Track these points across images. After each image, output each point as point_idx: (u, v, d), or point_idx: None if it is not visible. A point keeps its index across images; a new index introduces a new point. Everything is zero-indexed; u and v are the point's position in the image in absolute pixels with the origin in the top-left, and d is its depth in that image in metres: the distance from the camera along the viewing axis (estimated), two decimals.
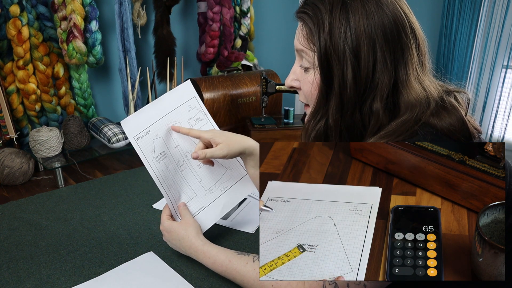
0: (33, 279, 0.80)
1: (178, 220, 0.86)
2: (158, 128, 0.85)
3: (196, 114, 0.91)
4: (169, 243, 0.85)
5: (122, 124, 0.83)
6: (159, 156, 0.84)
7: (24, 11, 1.28)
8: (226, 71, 1.77)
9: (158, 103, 0.87)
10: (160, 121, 0.86)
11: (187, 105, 0.90)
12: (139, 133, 0.83)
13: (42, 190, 1.21)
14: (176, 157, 0.87)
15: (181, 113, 0.89)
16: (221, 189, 0.91)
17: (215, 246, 0.80)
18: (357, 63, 0.64)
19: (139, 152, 0.83)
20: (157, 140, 0.85)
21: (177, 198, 0.86)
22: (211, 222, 0.88)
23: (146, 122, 0.84)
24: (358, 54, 0.64)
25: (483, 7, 2.04)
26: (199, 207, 0.88)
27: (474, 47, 2.11)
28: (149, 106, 0.86)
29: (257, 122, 1.61)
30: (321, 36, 0.65)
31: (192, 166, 0.89)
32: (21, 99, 1.38)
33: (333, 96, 0.67)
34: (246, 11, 1.83)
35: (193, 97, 0.91)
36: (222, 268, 0.77)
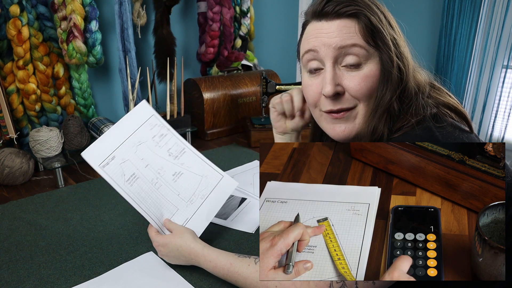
0: (33, 279, 0.80)
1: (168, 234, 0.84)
2: (124, 152, 0.85)
3: (159, 130, 0.92)
4: (166, 257, 0.83)
5: (83, 156, 0.81)
6: (131, 179, 0.84)
7: (24, 11, 1.28)
8: (226, 71, 1.77)
9: (117, 127, 0.87)
10: (124, 144, 0.86)
11: (148, 123, 0.91)
12: (104, 161, 0.83)
13: (42, 190, 1.21)
14: (149, 176, 0.87)
15: (144, 133, 0.90)
16: (201, 197, 0.91)
17: (215, 249, 0.79)
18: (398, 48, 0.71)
19: (108, 179, 0.82)
20: (124, 164, 0.84)
21: (160, 216, 0.85)
22: (200, 230, 0.87)
23: (109, 149, 0.84)
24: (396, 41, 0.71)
25: (483, 7, 2.04)
26: (184, 219, 0.87)
27: (474, 47, 2.11)
28: (109, 133, 0.86)
29: (257, 122, 1.61)
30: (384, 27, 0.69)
31: (167, 181, 0.88)
32: (21, 99, 1.38)
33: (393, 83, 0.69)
34: (246, 11, 1.83)
35: (152, 115, 0.92)
36: (223, 271, 0.76)
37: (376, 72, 0.69)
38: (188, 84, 1.69)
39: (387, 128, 0.70)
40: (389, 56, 0.68)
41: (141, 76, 1.59)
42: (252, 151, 1.51)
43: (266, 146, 0.94)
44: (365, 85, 0.69)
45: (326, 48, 0.69)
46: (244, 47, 1.88)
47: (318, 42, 0.70)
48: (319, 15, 0.70)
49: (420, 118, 0.68)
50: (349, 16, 0.68)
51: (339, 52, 0.69)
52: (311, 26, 0.72)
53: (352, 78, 0.70)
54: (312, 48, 0.71)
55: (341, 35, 0.68)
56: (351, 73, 0.70)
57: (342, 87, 0.71)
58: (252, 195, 1.14)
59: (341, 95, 0.71)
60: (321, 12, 0.69)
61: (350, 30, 0.68)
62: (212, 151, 1.53)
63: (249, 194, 1.14)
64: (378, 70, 0.69)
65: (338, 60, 0.70)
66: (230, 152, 1.51)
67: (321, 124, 0.79)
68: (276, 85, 1.49)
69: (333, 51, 0.69)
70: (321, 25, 0.70)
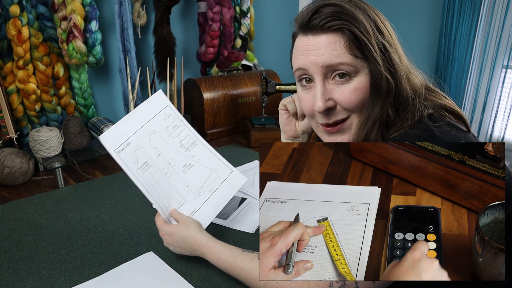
0: (33, 279, 0.80)
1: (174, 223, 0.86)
2: (138, 139, 0.86)
3: (173, 121, 0.93)
4: (171, 247, 0.84)
5: (100, 139, 0.82)
6: (143, 166, 0.85)
7: (24, 11, 1.28)
8: (226, 71, 1.77)
9: (133, 115, 0.88)
10: (139, 132, 0.87)
11: (163, 113, 0.91)
12: (119, 146, 0.83)
13: (42, 190, 1.21)
14: (160, 165, 0.87)
15: (158, 122, 0.90)
16: (209, 190, 0.91)
17: (220, 242, 0.80)
18: (387, 56, 0.70)
19: (122, 164, 0.82)
20: (138, 151, 0.85)
21: (168, 205, 0.86)
22: (207, 223, 0.88)
23: (125, 135, 0.85)
24: (386, 48, 0.69)
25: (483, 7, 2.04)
26: (191, 211, 0.88)
27: (474, 47, 2.11)
28: (125, 119, 0.86)
29: (257, 122, 1.61)
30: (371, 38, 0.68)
31: (177, 172, 0.89)
32: (21, 99, 1.38)
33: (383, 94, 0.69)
34: (246, 11, 1.83)
35: (167, 106, 0.93)
36: (226, 264, 0.77)
37: (366, 84, 0.69)
38: (188, 84, 1.69)
39: (380, 136, 0.71)
40: (377, 69, 0.68)
41: (141, 76, 1.59)
42: (252, 151, 1.51)
43: (266, 146, 0.94)
44: (355, 98, 0.70)
45: (314, 66, 0.70)
46: (244, 47, 1.88)
47: (306, 61, 0.71)
48: (305, 29, 0.70)
49: (417, 119, 0.68)
50: (334, 31, 0.68)
51: (327, 69, 0.70)
52: (298, 40, 0.73)
53: (342, 91, 0.70)
54: (301, 67, 0.72)
55: (327, 53, 0.68)
56: (341, 86, 0.70)
57: (334, 101, 0.71)
58: (252, 195, 1.14)
59: (333, 108, 0.72)
60: (307, 26, 0.70)
61: (335, 46, 0.68)
62: None
63: (249, 194, 1.14)
64: (368, 82, 0.69)
65: (327, 75, 0.70)
66: (230, 152, 1.51)
67: (319, 134, 0.80)
68: (276, 85, 1.49)
69: (321, 69, 0.69)
70: (308, 41, 0.70)
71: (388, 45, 0.70)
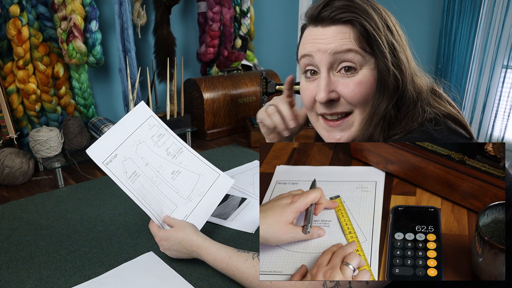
0: (33, 279, 0.80)
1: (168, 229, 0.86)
2: (125, 150, 0.88)
3: (157, 130, 0.96)
4: (168, 251, 0.84)
5: (88, 153, 0.84)
6: (132, 176, 0.86)
7: (24, 11, 1.28)
8: (226, 71, 1.77)
9: (118, 126, 0.90)
10: (125, 143, 0.89)
11: (147, 124, 0.94)
12: (107, 158, 0.85)
13: (42, 190, 1.21)
14: (149, 174, 0.89)
15: (143, 132, 0.93)
16: (199, 194, 0.94)
17: (216, 243, 0.80)
18: (396, 54, 0.70)
19: (112, 175, 0.84)
20: (126, 162, 0.87)
21: (160, 212, 0.87)
22: (199, 226, 0.90)
23: (111, 147, 0.87)
24: (394, 46, 0.70)
25: (483, 7, 2.04)
26: (183, 216, 0.90)
27: (474, 47, 2.11)
28: (110, 132, 0.88)
29: (257, 122, 1.61)
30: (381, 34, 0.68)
31: (166, 179, 0.91)
32: (21, 99, 1.38)
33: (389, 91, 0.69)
34: (246, 11, 1.83)
35: (150, 116, 0.96)
36: (222, 264, 0.77)
37: (371, 78, 0.69)
38: (188, 84, 1.69)
39: (382, 136, 0.71)
40: (385, 64, 0.68)
41: (141, 76, 1.59)
42: (252, 151, 1.51)
43: (266, 146, 0.94)
44: (359, 91, 0.69)
45: (321, 54, 0.69)
46: (244, 47, 1.89)
47: (313, 48, 0.70)
48: (315, 20, 0.70)
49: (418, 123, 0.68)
50: (345, 23, 0.68)
51: (334, 58, 0.69)
52: (308, 31, 0.73)
53: (346, 84, 0.70)
54: (307, 53, 0.72)
55: (336, 41, 0.68)
56: (346, 79, 0.70)
57: (337, 93, 0.71)
58: (252, 195, 1.14)
59: (336, 101, 0.71)
60: (317, 17, 0.70)
61: (345, 36, 0.68)
62: (212, 151, 1.53)
63: (249, 194, 1.14)
64: (373, 76, 0.69)
65: (333, 66, 0.70)
66: (230, 152, 1.51)
67: (317, 129, 0.79)
68: (276, 85, 1.49)
69: (328, 56, 0.69)
70: (317, 31, 0.70)
71: (397, 44, 0.70)
